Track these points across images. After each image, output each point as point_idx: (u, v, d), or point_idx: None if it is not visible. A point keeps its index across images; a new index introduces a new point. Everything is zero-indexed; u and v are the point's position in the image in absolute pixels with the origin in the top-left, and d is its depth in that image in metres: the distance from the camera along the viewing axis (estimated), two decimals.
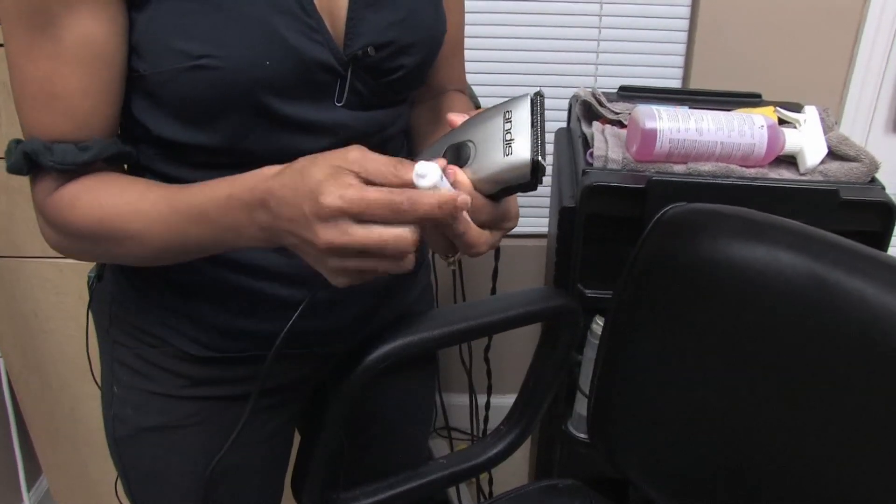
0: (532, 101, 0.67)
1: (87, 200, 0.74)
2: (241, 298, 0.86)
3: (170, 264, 0.79)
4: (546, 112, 0.68)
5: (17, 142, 0.74)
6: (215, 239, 0.71)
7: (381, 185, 0.61)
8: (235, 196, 0.67)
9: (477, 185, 0.68)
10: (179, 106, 0.73)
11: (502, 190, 0.69)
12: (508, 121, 0.67)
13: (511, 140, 0.66)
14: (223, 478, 0.94)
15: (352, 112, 0.79)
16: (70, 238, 0.77)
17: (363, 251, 0.61)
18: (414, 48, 0.80)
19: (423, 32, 0.81)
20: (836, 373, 0.81)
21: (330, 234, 0.61)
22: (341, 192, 0.60)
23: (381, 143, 0.86)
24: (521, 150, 0.66)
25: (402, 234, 0.61)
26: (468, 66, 1.03)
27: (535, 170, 0.66)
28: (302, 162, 0.64)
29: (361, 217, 0.60)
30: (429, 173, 0.61)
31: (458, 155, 0.69)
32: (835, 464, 0.82)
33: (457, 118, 0.73)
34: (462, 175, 0.68)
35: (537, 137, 0.66)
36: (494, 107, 0.70)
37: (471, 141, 0.69)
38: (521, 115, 0.66)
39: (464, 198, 0.63)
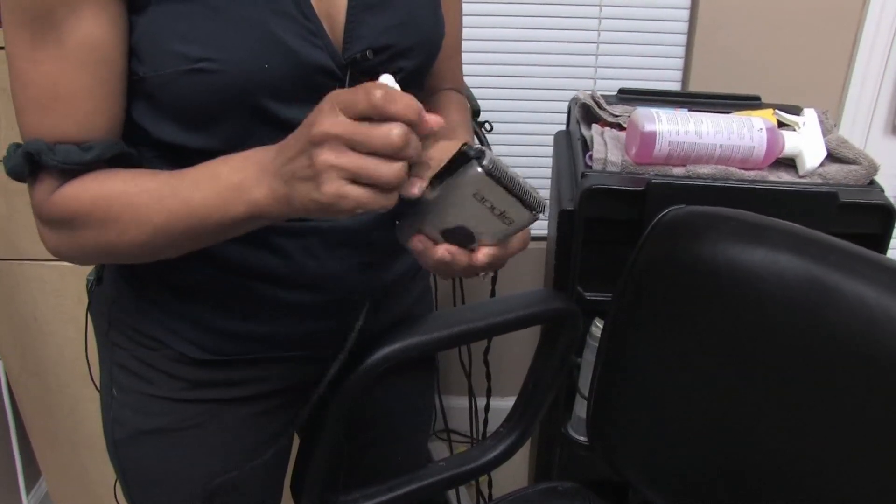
0: (491, 176, 0.64)
1: (93, 188, 0.73)
2: (240, 301, 0.86)
3: (171, 255, 0.78)
4: (500, 164, 0.65)
5: (17, 145, 0.74)
6: (219, 202, 0.70)
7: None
8: (251, 156, 0.69)
9: (495, 248, 0.72)
10: (178, 109, 0.74)
11: None
12: (484, 199, 0.66)
13: (504, 213, 0.67)
14: (223, 480, 0.94)
15: None
16: (73, 233, 0.76)
17: (354, 141, 0.61)
18: (412, 52, 0.80)
19: (421, 36, 0.81)
20: (836, 375, 0.81)
21: (325, 122, 0.62)
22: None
23: None
24: (521, 217, 0.68)
25: (391, 125, 0.61)
26: (467, 68, 1.03)
27: (539, 213, 0.68)
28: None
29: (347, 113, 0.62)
30: (389, 81, 0.65)
31: (457, 236, 0.70)
32: (834, 466, 0.82)
33: (410, 186, 0.69)
34: (482, 255, 0.72)
35: (521, 199, 0.66)
36: (444, 188, 0.67)
37: (460, 227, 0.69)
38: (494, 192, 0.65)
39: (436, 118, 0.64)
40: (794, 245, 0.86)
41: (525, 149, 1.81)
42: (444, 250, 0.71)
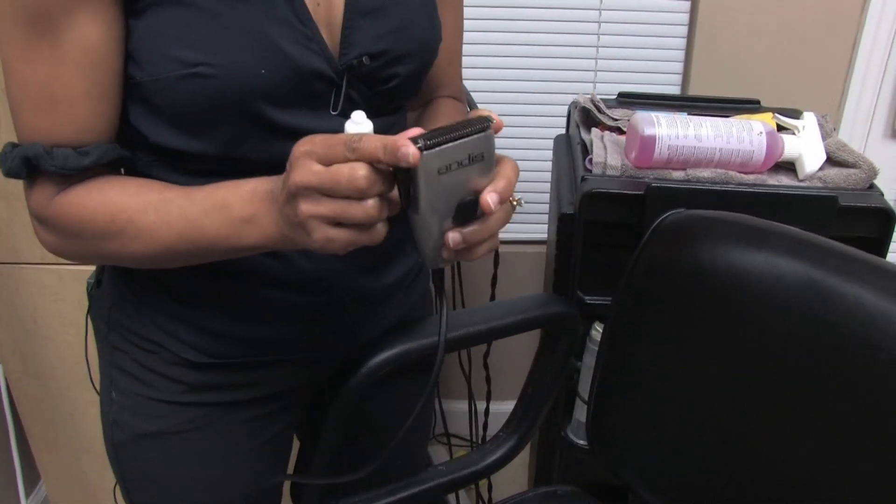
0: (428, 147, 0.63)
1: (98, 200, 0.74)
2: (239, 304, 0.86)
3: (172, 267, 0.78)
4: (427, 133, 0.65)
5: (14, 145, 0.74)
6: (230, 232, 0.71)
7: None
8: (259, 190, 0.70)
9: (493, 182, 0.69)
10: (175, 113, 0.74)
11: None
12: (449, 166, 0.65)
13: (470, 156, 0.66)
14: (222, 484, 0.94)
15: (347, 121, 0.79)
16: (74, 240, 0.76)
17: (323, 188, 0.63)
18: (409, 57, 0.80)
19: (417, 42, 0.81)
20: (835, 379, 0.81)
21: (296, 174, 0.63)
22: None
23: None
24: (484, 145, 0.66)
25: (354, 167, 0.62)
26: (467, 72, 1.03)
27: (489, 124, 0.67)
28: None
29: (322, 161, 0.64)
30: (362, 122, 0.67)
31: (465, 213, 0.68)
32: (833, 470, 0.82)
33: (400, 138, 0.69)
34: (490, 200, 0.68)
35: (463, 136, 0.65)
36: (415, 181, 0.66)
37: (458, 204, 0.68)
38: (446, 153, 0.64)
39: (411, 151, 0.63)
40: (793, 249, 0.86)
41: (525, 152, 1.81)
42: (469, 234, 0.69)
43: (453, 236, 0.68)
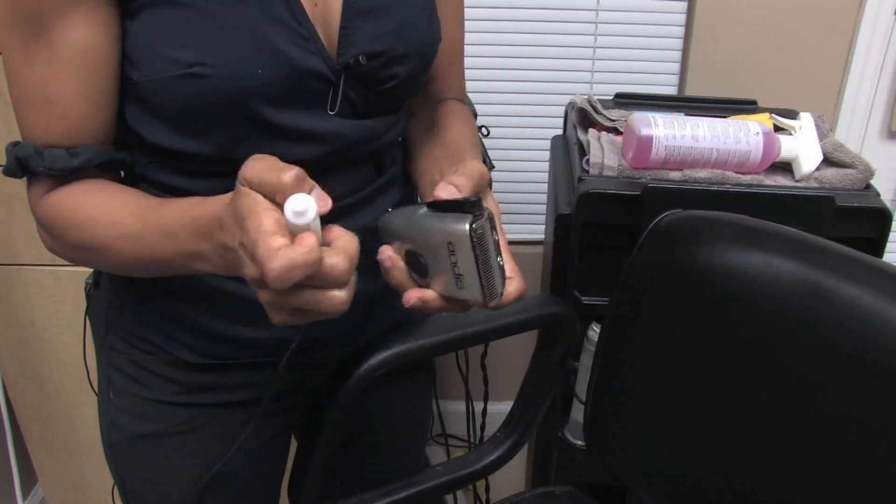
0: (472, 240, 0.62)
1: (72, 206, 0.75)
2: (237, 305, 0.86)
3: (150, 276, 0.79)
4: (488, 237, 0.63)
5: (15, 144, 0.75)
6: (183, 261, 0.70)
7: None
8: (200, 220, 0.66)
9: (442, 299, 0.69)
10: (172, 114, 0.74)
11: None
12: (453, 253, 0.64)
13: (461, 276, 0.65)
14: (220, 485, 0.94)
15: (345, 121, 0.79)
16: (58, 242, 0.78)
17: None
18: (407, 58, 0.80)
19: (416, 42, 0.81)
20: (832, 379, 0.81)
21: (246, 272, 0.59)
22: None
23: (375, 152, 0.86)
24: (474, 291, 0.65)
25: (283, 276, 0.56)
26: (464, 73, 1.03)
27: (489, 302, 0.66)
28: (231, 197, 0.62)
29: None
30: (307, 209, 0.57)
31: (416, 263, 0.68)
32: (830, 470, 0.82)
33: (441, 191, 0.67)
34: (428, 296, 0.68)
35: (481, 278, 0.64)
36: (433, 218, 0.65)
37: (422, 257, 0.67)
38: (465, 254, 0.63)
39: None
40: (790, 249, 0.86)
41: (522, 153, 1.81)
42: (387, 254, 0.69)
43: (400, 269, 0.69)
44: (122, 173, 0.83)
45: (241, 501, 0.98)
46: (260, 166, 0.59)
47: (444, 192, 0.66)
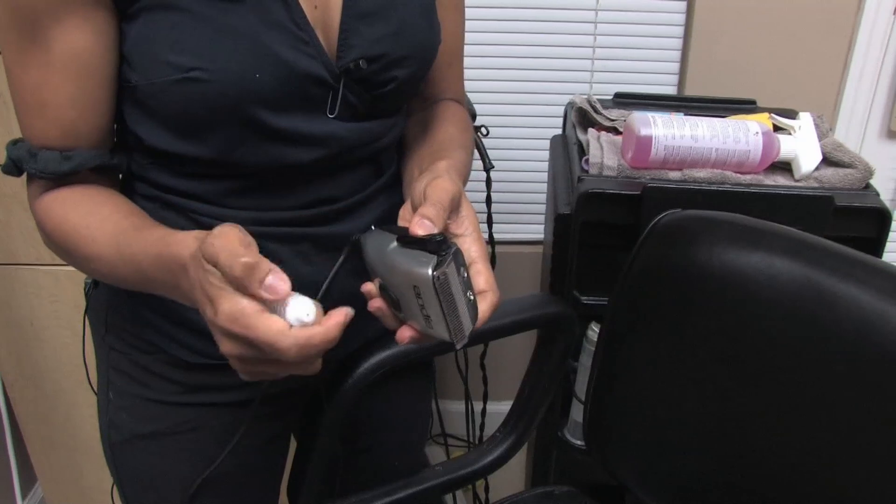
0: (434, 287, 0.62)
1: (58, 212, 0.76)
2: None
3: None
4: (452, 279, 0.63)
5: (14, 142, 0.76)
6: (153, 289, 0.72)
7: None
8: (163, 258, 0.67)
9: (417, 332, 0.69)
10: (170, 117, 0.74)
11: None
12: (419, 296, 0.64)
13: (428, 316, 0.65)
14: (220, 484, 0.94)
15: (344, 124, 0.79)
16: (50, 242, 0.79)
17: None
18: (406, 61, 0.80)
19: (415, 45, 0.81)
20: (832, 379, 0.81)
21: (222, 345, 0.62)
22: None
23: (374, 154, 0.86)
24: (441, 331, 0.65)
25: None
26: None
27: (455, 343, 0.65)
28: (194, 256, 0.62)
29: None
30: (309, 313, 0.61)
31: (389, 298, 0.68)
32: (830, 470, 0.82)
33: (416, 227, 0.65)
34: (404, 331, 0.68)
35: (447, 320, 0.64)
36: (401, 255, 0.65)
37: (393, 293, 0.67)
38: (430, 299, 0.63)
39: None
40: (789, 249, 0.86)
41: (521, 153, 1.81)
42: (376, 305, 0.69)
43: (377, 304, 0.69)
44: (120, 175, 0.83)
45: (241, 501, 0.98)
46: (220, 244, 0.59)
47: (420, 228, 0.64)
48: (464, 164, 0.85)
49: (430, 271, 0.61)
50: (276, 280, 0.59)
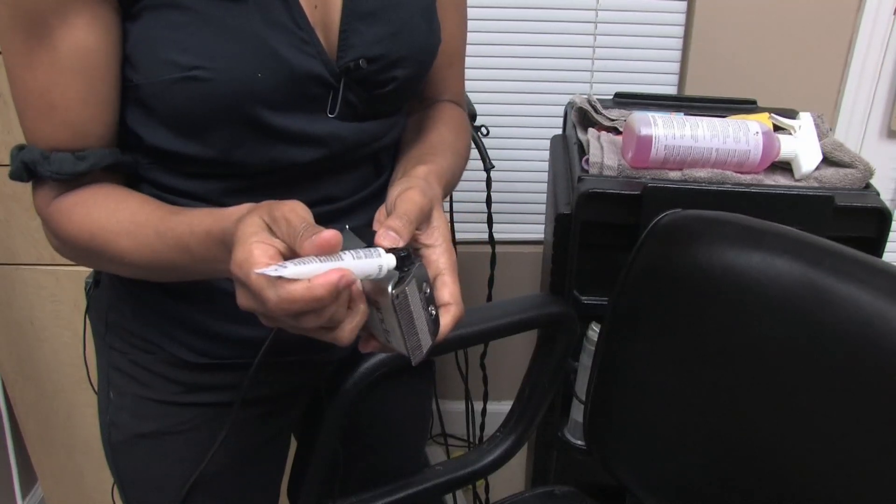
0: (393, 305, 0.61)
1: (80, 213, 0.75)
2: (235, 305, 0.85)
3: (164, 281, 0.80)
4: (412, 297, 0.62)
5: (20, 148, 0.75)
6: (197, 268, 0.72)
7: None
8: (213, 233, 0.67)
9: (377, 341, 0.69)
10: (171, 116, 0.74)
11: None
12: (378, 310, 0.64)
13: (387, 330, 0.65)
14: (220, 484, 0.94)
15: (344, 123, 0.79)
16: (68, 246, 0.78)
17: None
18: (406, 61, 0.80)
19: (415, 46, 0.81)
20: (832, 379, 0.81)
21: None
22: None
23: (374, 154, 0.86)
24: (399, 346, 0.65)
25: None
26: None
27: (413, 359, 0.66)
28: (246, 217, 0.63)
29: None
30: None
31: None
32: (830, 470, 0.82)
33: (381, 239, 0.64)
34: (370, 342, 0.68)
35: (404, 337, 0.64)
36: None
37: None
38: (389, 315, 0.63)
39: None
40: (789, 249, 0.86)
41: (521, 153, 1.81)
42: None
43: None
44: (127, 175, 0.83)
45: (241, 501, 0.98)
46: (290, 205, 0.61)
47: (385, 240, 0.63)
48: (450, 169, 0.84)
49: (389, 288, 0.61)
50: (327, 236, 0.57)
